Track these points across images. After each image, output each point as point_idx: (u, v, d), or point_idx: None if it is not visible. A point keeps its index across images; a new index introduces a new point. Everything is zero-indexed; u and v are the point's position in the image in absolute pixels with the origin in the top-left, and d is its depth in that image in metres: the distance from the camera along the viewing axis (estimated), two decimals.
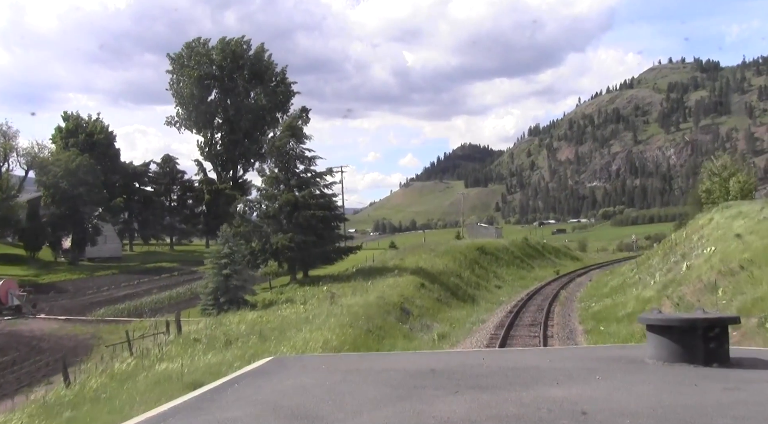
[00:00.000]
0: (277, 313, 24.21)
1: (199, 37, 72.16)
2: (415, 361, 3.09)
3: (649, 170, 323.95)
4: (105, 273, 44.85)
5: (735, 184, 42.37)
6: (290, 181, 34.09)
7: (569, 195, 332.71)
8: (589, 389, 2.06)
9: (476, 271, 39.36)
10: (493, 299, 32.20)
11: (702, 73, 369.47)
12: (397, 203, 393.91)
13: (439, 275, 33.48)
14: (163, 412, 1.95)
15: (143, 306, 30.48)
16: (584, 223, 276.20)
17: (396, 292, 26.37)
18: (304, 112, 71.29)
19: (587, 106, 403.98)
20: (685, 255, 26.61)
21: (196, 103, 68.52)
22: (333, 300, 23.91)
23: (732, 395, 1.88)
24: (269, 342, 18.00)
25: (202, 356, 16.99)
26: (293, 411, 1.86)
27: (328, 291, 26.08)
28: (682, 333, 2.29)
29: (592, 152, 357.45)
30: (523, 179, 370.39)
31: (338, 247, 35.05)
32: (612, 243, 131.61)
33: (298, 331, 18.75)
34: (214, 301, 27.37)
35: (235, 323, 22.67)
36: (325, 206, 34.02)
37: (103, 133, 56.25)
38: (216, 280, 27.56)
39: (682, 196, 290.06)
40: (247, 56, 72.12)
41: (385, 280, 29.97)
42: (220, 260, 27.63)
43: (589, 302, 27.96)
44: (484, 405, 1.85)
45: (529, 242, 61.88)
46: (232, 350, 17.64)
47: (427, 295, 28.27)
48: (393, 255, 40.30)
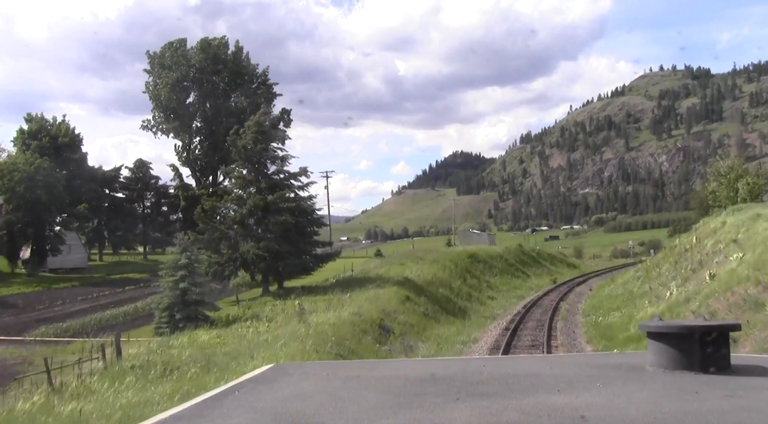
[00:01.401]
0: (237, 332, 20.88)
1: (182, 39, 68.94)
2: (416, 368, 3.05)
3: (641, 177, 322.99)
4: (64, 285, 41.22)
5: (744, 186, 39.61)
6: (260, 184, 30.86)
7: (562, 202, 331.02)
8: (589, 396, 2.05)
9: (468, 280, 36.17)
10: (486, 312, 29.00)
11: (693, 80, 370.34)
12: (389, 211, 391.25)
13: (427, 286, 30.26)
14: (163, 419, 1.93)
15: (93, 323, 27.02)
16: (577, 229, 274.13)
17: (376, 306, 23.12)
18: (285, 114, 68.15)
19: (579, 113, 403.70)
20: (703, 262, 23.57)
21: (174, 105, 65.25)
22: (301, 317, 20.64)
23: (732, 402, 1.87)
24: (211, 374, 14.74)
25: (124, 393, 13.69)
26: (294, 418, 1.86)
27: (299, 307, 22.82)
28: (682, 340, 2.28)
29: (584, 159, 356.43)
30: (516, 186, 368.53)
31: (316, 255, 31.74)
32: (606, 249, 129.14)
33: (250, 358, 15.49)
34: (169, 318, 23.97)
35: (185, 346, 19.34)
36: (301, 211, 30.79)
37: (68, 136, 52.58)
38: (171, 294, 24.17)
39: (675, 202, 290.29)
40: (226, 57, 69.02)
41: (365, 292, 26.73)
42: (177, 271, 24.26)
43: (594, 315, 24.84)
44: (485, 412, 1.85)
45: (524, 248, 58.79)
46: (164, 385, 14.35)
47: (412, 309, 25.03)
48: (377, 264, 37.06)
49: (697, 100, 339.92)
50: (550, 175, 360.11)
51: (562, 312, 26.95)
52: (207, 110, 66.95)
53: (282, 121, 69.69)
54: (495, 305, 31.57)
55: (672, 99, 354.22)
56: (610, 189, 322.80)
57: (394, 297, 25.52)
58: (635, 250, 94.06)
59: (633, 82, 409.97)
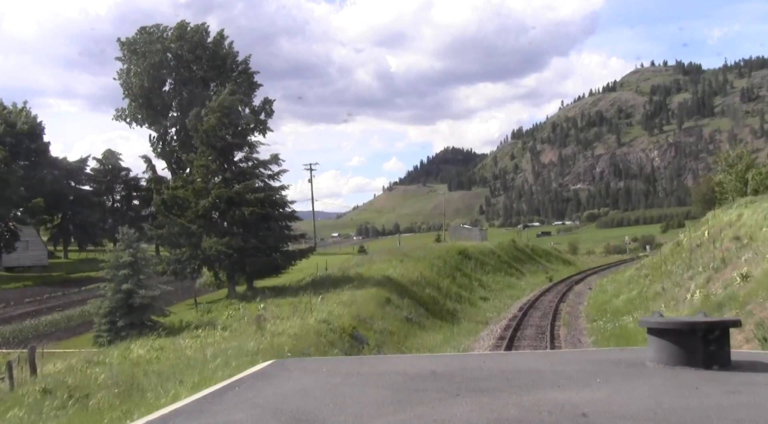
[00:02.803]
0: (182, 343, 17.56)
1: (158, 24, 65.21)
2: (416, 364, 2.92)
3: (633, 172, 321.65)
4: (15, 285, 37.61)
5: (756, 176, 36.76)
6: (226, 173, 27.55)
7: (553, 197, 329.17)
8: (589, 392, 2.04)
9: (458, 279, 33.01)
10: (478, 315, 25.85)
11: (684, 75, 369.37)
12: (381, 207, 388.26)
13: (412, 286, 27.05)
14: (163, 415, 1.91)
15: (29, 330, 23.60)
16: (569, 225, 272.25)
17: (350, 311, 19.90)
18: (267, 105, 64.62)
19: (570, 109, 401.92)
20: (726, 260, 20.50)
21: (147, 93, 61.53)
22: (260, 325, 17.36)
23: (733, 398, 1.87)
24: (125, 404, 11.51)
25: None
26: (294, 414, 1.84)
27: (259, 312, 19.56)
28: (683, 336, 2.28)
29: (575, 155, 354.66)
30: (507, 182, 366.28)
31: (287, 252, 28.41)
32: (599, 245, 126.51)
33: (179, 383, 12.23)
34: (110, 325, 20.60)
35: (114, 362, 16.05)
36: (271, 203, 27.47)
37: (27, 124, 48.67)
38: (114, 297, 20.78)
39: (667, 198, 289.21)
40: (206, 44, 65.37)
41: (340, 294, 23.50)
42: (120, 270, 20.87)
43: (601, 321, 21.72)
44: (485, 408, 1.83)
45: (518, 244, 55.70)
46: (59, 420, 11.16)
47: (392, 313, 21.82)
48: (359, 261, 33.82)
49: (689, 96, 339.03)
50: (542, 171, 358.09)
51: (564, 316, 23.85)
52: (183, 100, 63.30)
53: (264, 112, 66.40)
54: (488, 307, 28.44)
55: (663, 94, 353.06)
56: (602, 185, 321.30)
57: (372, 300, 22.30)
58: (631, 246, 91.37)
59: (624, 78, 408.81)
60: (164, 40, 60.45)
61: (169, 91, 64.94)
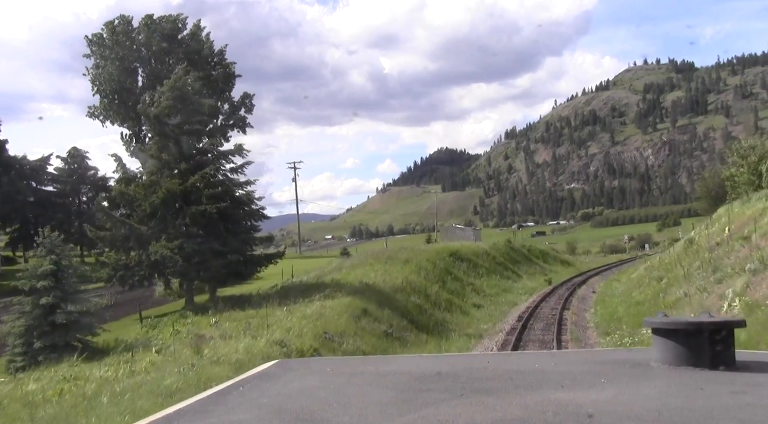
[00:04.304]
0: (96, 374, 13.98)
1: (124, 15, 61.61)
2: (421, 364, 2.92)
3: (627, 171, 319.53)
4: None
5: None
6: (180, 165, 24.07)
7: (547, 197, 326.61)
8: (594, 392, 2.01)
9: (448, 284, 29.56)
10: (470, 327, 22.40)
11: (677, 73, 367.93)
12: (374, 209, 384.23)
13: (395, 294, 23.57)
14: (167, 415, 1.91)
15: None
16: (564, 225, 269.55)
17: (315, 328, 16.42)
18: (247, 99, 61.03)
19: (563, 108, 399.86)
20: (765, 260, 17.19)
21: (118, 88, 57.82)
22: (197, 349, 13.86)
23: (738, 398, 1.85)
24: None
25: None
26: (298, 414, 1.83)
27: (199, 332, 16.10)
28: (688, 336, 2.24)
29: (569, 154, 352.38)
30: (501, 182, 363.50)
31: (252, 256, 24.80)
32: (595, 245, 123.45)
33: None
34: (26, 347, 17.03)
35: (4, 398, 12.53)
36: (234, 199, 23.99)
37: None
38: (32, 314, 17.24)
39: (662, 196, 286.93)
40: (181, 37, 61.77)
41: (309, 304, 20.01)
42: (39, 281, 17.33)
43: (616, 334, 18.31)
44: (490, 408, 1.82)
45: (513, 245, 52.30)
46: None
47: (369, 328, 18.34)
48: (338, 265, 30.34)
49: (682, 94, 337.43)
50: (536, 171, 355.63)
51: (571, 328, 20.46)
52: (156, 95, 59.67)
53: (244, 108, 62.95)
54: (482, 315, 25.00)
55: (657, 93, 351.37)
56: (596, 184, 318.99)
57: (344, 312, 18.81)
58: (630, 245, 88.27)
59: (617, 76, 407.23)
60: (131, 31, 57.02)
61: (142, 86, 61.43)
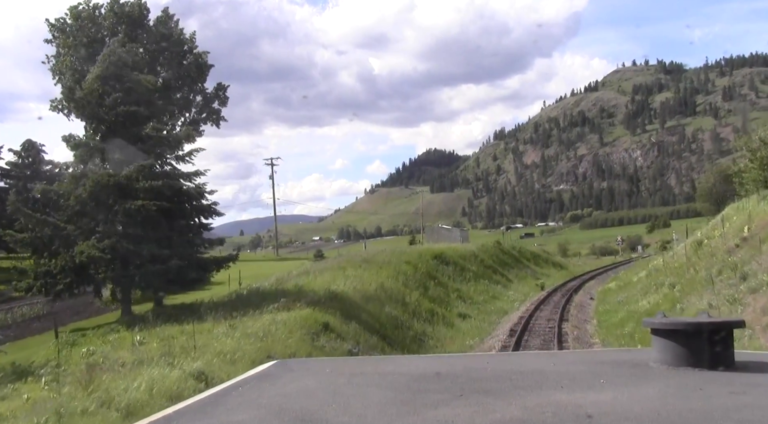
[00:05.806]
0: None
1: (89, 1, 57.70)
2: (420, 365, 2.92)
3: (616, 172, 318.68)
4: None
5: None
6: (114, 154, 20.64)
7: (536, 198, 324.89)
8: (593, 393, 2.01)
9: (431, 291, 26.25)
10: (454, 343, 19.08)
11: (666, 75, 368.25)
12: (363, 210, 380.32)
13: (366, 304, 20.19)
14: (167, 415, 1.91)
15: None
16: (552, 226, 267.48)
17: (255, 351, 13.00)
18: (221, 91, 57.34)
19: (552, 109, 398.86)
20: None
21: (80, 79, 53.84)
22: (88, 382, 10.42)
23: (737, 399, 1.84)
24: None
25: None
26: (297, 415, 1.83)
27: (94, 359, 12.69)
28: (687, 337, 2.24)
29: (558, 155, 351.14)
30: (490, 183, 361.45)
31: (200, 259, 21.31)
32: (584, 246, 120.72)
33: None
34: None
35: None
36: (178, 193, 20.55)
37: None
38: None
39: (650, 197, 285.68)
40: (147, 25, 57.99)
41: (259, 317, 16.56)
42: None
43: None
44: (489, 409, 1.81)
45: (503, 246, 49.15)
46: None
47: (328, 347, 14.94)
48: (305, 269, 26.93)
49: (671, 95, 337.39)
50: (525, 172, 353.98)
51: (572, 345, 17.18)
52: None
53: (218, 100, 59.22)
54: (468, 328, 21.68)
55: (645, 94, 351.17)
56: (585, 185, 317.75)
57: (300, 327, 15.38)
58: (623, 247, 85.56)
59: (606, 78, 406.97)
60: (97, 17, 53.28)
61: None
